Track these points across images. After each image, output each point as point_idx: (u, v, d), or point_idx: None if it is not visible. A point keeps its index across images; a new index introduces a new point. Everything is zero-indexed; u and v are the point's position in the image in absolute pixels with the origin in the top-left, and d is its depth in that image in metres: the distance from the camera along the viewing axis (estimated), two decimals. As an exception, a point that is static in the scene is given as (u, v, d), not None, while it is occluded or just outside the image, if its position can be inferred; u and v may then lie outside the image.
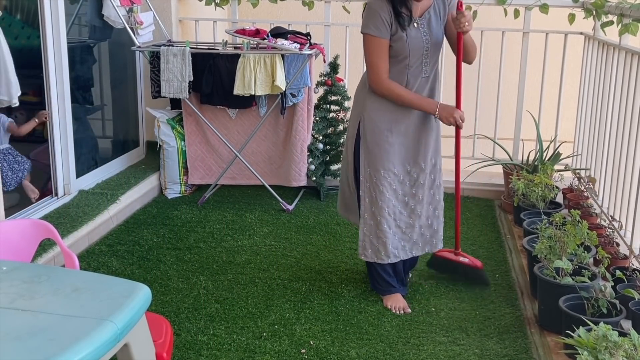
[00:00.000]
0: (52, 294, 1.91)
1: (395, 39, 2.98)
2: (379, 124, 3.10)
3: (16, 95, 3.56)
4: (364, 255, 3.28)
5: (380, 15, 2.94)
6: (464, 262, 3.48)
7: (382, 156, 3.12)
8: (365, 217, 3.22)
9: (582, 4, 4.67)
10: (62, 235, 3.50)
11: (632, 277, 3.10)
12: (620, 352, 2.21)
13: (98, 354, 1.68)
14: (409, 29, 2.98)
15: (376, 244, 3.22)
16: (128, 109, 5.18)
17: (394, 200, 3.18)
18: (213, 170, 4.83)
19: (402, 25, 2.96)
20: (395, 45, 2.99)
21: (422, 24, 3.02)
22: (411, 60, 3.02)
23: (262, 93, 4.45)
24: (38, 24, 3.97)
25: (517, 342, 2.97)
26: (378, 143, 3.11)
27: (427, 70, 3.09)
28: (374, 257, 3.24)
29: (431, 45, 3.05)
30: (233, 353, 2.85)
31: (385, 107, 3.09)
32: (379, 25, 2.94)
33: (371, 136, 3.12)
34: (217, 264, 3.71)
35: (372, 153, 3.13)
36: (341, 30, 5.40)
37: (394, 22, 2.95)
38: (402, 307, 3.24)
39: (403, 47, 2.99)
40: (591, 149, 4.59)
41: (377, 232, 3.20)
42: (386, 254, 3.22)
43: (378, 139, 3.10)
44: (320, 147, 4.73)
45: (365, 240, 3.25)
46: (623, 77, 3.92)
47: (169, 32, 5.08)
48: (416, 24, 3.00)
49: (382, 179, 3.13)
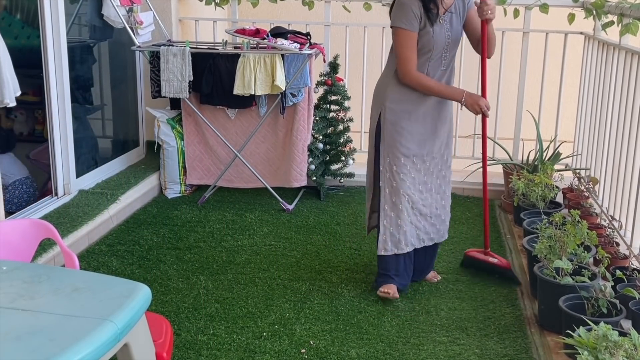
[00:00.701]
0: (52, 294, 1.91)
1: (423, 33, 3.14)
2: (398, 112, 3.24)
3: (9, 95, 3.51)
4: (384, 250, 3.32)
5: (412, 9, 3.10)
6: (494, 263, 3.57)
7: (401, 142, 3.25)
8: (386, 208, 3.31)
9: (582, 4, 4.67)
10: (62, 235, 3.50)
11: (632, 277, 3.10)
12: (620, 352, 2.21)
13: (98, 354, 1.68)
14: (435, 25, 3.15)
15: (397, 235, 3.31)
16: (128, 109, 5.18)
17: (412, 188, 3.30)
18: (211, 171, 4.82)
19: (430, 20, 3.13)
20: (422, 39, 3.15)
21: (445, 21, 3.19)
22: (434, 53, 3.19)
23: (262, 93, 4.45)
24: (38, 24, 3.97)
25: (517, 342, 2.97)
26: (398, 130, 3.25)
27: (445, 64, 3.26)
28: (395, 249, 3.32)
29: (451, 41, 3.22)
30: (233, 353, 2.85)
31: (405, 97, 3.24)
32: (411, 19, 3.10)
33: (391, 125, 3.25)
34: (217, 264, 3.71)
35: (392, 139, 3.26)
36: (341, 30, 5.40)
37: (423, 17, 3.12)
38: (392, 292, 3.29)
39: (429, 41, 3.15)
40: (591, 149, 4.59)
41: (397, 222, 3.29)
42: (405, 243, 3.32)
43: (398, 127, 3.25)
44: (320, 147, 4.73)
45: (386, 234, 3.32)
46: (623, 77, 3.92)
47: (169, 32, 5.08)
48: (441, 20, 3.17)
49: (402, 166, 3.26)
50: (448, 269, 3.70)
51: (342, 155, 4.86)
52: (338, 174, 4.88)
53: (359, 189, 5.01)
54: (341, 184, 4.96)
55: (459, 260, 3.79)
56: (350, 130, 4.84)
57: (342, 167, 4.90)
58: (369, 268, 3.69)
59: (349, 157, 4.85)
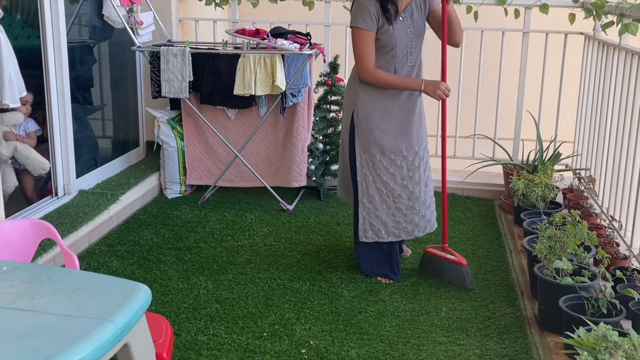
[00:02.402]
0: (52, 294, 1.91)
1: (382, 31, 3.23)
2: (371, 112, 3.33)
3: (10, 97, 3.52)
4: (365, 237, 3.46)
5: (369, 10, 3.19)
6: (450, 259, 3.51)
7: (376, 142, 3.34)
8: (364, 201, 3.43)
9: (582, 4, 4.67)
10: (62, 235, 3.50)
11: (632, 277, 3.10)
12: (620, 352, 2.21)
13: (98, 354, 1.68)
14: (394, 23, 3.23)
15: (376, 225, 3.43)
16: (128, 109, 5.18)
17: (392, 183, 3.39)
18: (211, 171, 4.83)
19: (388, 20, 3.22)
20: (383, 37, 3.24)
21: (405, 17, 3.28)
22: (397, 50, 3.27)
23: (262, 93, 4.45)
24: (38, 24, 3.97)
25: (517, 342, 2.97)
26: (371, 129, 3.33)
27: (412, 60, 3.33)
28: (375, 237, 3.45)
29: (414, 36, 3.30)
30: (233, 353, 2.85)
31: (375, 96, 3.32)
32: (367, 19, 3.20)
33: (365, 124, 3.34)
34: (217, 264, 3.71)
35: (366, 139, 3.35)
36: (341, 30, 5.40)
37: (381, 17, 3.21)
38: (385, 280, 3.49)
39: (390, 39, 3.24)
40: (591, 149, 4.59)
41: (376, 214, 3.41)
42: (387, 233, 3.44)
43: (371, 126, 3.33)
44: (320, 147, 4.73)
45: (365, 223, 3.45)
46: (623, 77, 3.92)
47: (169, 32, 5.08)
48: (401, 17, 3.26)
49: (378, 162, 3.36)
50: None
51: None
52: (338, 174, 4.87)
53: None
54: (341, 184, 4.96)
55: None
56: (350, 131, 4.84)
57: (342, 168, 4.90)
58: (369, 268, 3.69)
59: (349, 157, 4.85)
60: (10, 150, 3.97)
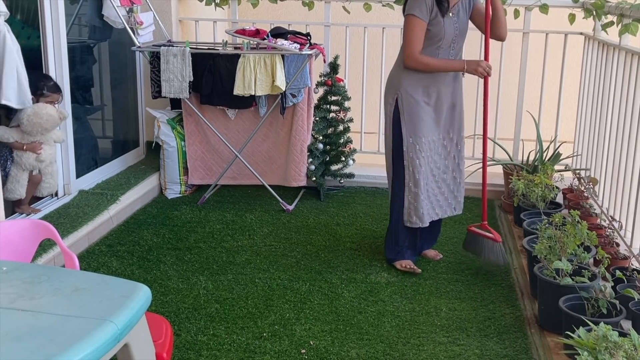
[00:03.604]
0: (52, 294, 1.91)
1: (434, 23, 3.42)
2: (415, 97, 3.50)
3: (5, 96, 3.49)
4: (409, 222, 3.61)
5: (426, 1, 3.39)
6: (488, 236, 3.66)
7: (422, 125, 3.52)
8: (410, 185, 3.57)
9: (582, 4, 4.67)
10: (62, 235, 3.50)
11: (632, 277, 3.10)
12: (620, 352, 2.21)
13: (98, 354, 1.68)
14: (445, 17, 3.43)
15: (420, 209, 3.58)
16: (128, 109, 5.18)
17: (433, 165, 3.60)
18: (213, 170, 4.83)
19: (442, 12, 3.42)
20: (434, 28, 3.43)
21: (454, 14, 3.48)
22: (443, 42, 3.47)
23: (262, 93, 4.45)
24: (38, 24, 3.97)
25: (517, 342, 2.97)
26: (418, 113, 3.51)
27: (453, 54, 3.54)
28: (419, 222, 3.60)
29: (459, 32, 3.51)
30: (233, 353, 2.85)
31: (419, 82, 3.50)
32: (423, 9, 3.39)
33: (409, 108, 3.51)
34: (217, 264, 3.71)
35: (413, 122, 3.51)
36: (341, 30, 5.40)
37: (435, 9, 3.41)
38: (411, 266, 3.63)
39: (440, 31, 3.43)
40: (591, 149, 4.59)
41: (420, 198, 3.56)
42: (429, 216, 3.63)
43: (417, 110, 3.51)
44: (320, 147, 4.73)
45: (410, 208, 3.59)
46: (623, 77, 3.92)
47: (169, 32, 5.08)
48: (451, 13, 3.46)
49: (424, 144, 3.53)
50: (448, 269, 3.70)
51: (342, 156, 4.86)
52: (338, 174, 4.88)
53: (359, 189, 5.01)
54: (341, 184, 4.97)
55: (459, 261, 3.80)
56: (351, 131, 4.84)
57: (342, 168, 4.90)
58: (369, 268, 3.69)
59: (349, 157, 4.86)
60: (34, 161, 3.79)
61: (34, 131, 3.70)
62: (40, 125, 3.68)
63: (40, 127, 3.69)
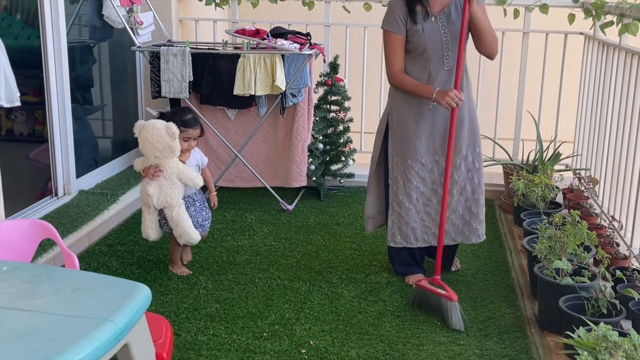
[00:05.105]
0: (52, 294, 1.91)
1: (412, 33, 3.19)
2: (405, 116, 3.30)
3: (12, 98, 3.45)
4: (393, 242, 3.44)
5: (395, 12, 3.20)
6: (441, 294, 3.13)
7: (409, 147, 3.31)
8: (394, 205, 3.40)
9: (582, 4, 4.67)
10: (62, 235, 3.50)
11: (632, 277, 3.10)
12: (620, 352, 2.21)
13: (98, 354, 1.68)
14: (424, 24, 3.17)
15: (405, 230, 3.39)
16: (128, 109, 5.18)
17: (423, 187, 3.35)
18: (212, 171, 4.81)
19: (414, 21, 3.17)
20: (413, 39, 3.20)
21: (441, 19, 3.20)
22: (430, 53, 3.19)
23: (262, 93, 4.45)
24: (38, 24, 3.97)
25: (517, 342, 2.97)
26: (405, 134, 3.31)
27: (449, 64, 3.22)
28: (404, 243, 3.42)
29: (450, 38, 3.19)
30: (233, 353, 2.85)
31: (411, 100, 3.26)
32: (393, 21, 3.21)
33: (399, 128, 3.33)
34: (217, 264, 3.71)
35: (399, 143, 3.33)
36: (341, 30, 5.40)
37: (408, 19, 3.18)
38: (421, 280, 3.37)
39: (420, 40, 3.18)
40: (591, 149, 4.59)
41: (406, 219, 3.38)
42: (415, 238, 3.41)
43: (405, 131, 3.30)
44: (321, 147, 4.73)
45: (394, 228, 3.42)
46: (623, 77, 3.92)
47: (169, 32, 5.08)
48: (434, 18, 3.19)
49: (410, 167, 3.33)
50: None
51: (342, 156, 4.86)
52: (338, 174, 4.88)
53: (359, 189, 5.01)
54: (341, 184, 4.97)
55: (459, 261, 3.79)
56: (351, 131, 4.84)
57: (342, 168, 4.90)
58: (369, 268, 3.69)
59: (349, 157, 4.86)
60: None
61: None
62: None
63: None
